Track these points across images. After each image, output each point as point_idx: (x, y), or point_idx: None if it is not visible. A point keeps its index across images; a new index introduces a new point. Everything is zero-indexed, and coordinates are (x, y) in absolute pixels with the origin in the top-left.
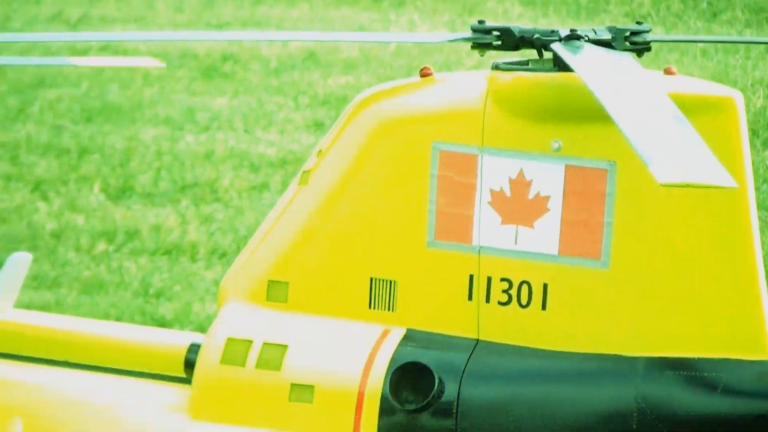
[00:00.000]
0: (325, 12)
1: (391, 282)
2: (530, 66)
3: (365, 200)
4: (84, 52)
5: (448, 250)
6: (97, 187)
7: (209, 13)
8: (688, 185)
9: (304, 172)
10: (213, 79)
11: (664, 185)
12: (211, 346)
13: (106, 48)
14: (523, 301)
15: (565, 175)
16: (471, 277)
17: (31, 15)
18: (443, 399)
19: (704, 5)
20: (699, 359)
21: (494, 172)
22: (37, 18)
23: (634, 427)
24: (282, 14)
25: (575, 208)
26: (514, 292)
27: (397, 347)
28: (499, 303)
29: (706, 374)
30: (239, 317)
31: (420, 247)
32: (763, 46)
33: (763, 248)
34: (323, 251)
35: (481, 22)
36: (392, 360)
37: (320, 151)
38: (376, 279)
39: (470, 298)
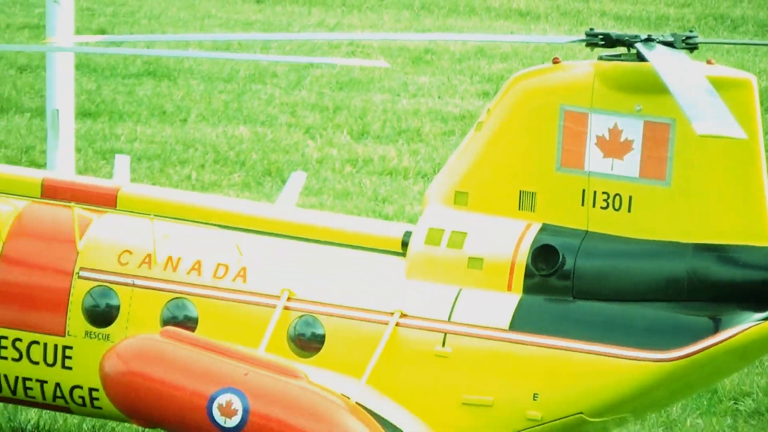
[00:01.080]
0: (491, 22)
1: (532, 193)
2: (622, 58)
3: (516, 141)
4: (333, 48)
5: (568, 174)
6: (345, 131)
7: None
8: (716, 136)
9: (478, 123)
10: (419, 65)
11: (701, 135)
12: (419, 232)
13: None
14: (616, 207)
15: (643, 127)
16: (583, 191)
17: (304, 22)
18: (564, 268)
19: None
20: (727, 245)
21: (598, 125)
22: (308, 24)
23: (685, 289)
24: (462, 24)
25: (650, 148)
26: (610, 200)
27: (536, 235)
28: (601, 208)
29: (732, 255)
30: (436, 215)
31: (550, 171)
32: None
33: None
34: (490, 172)
35: (591, 29)
36: (533, 242)
37: (488, 110)
38: (523, 191)
39: (582, 204)
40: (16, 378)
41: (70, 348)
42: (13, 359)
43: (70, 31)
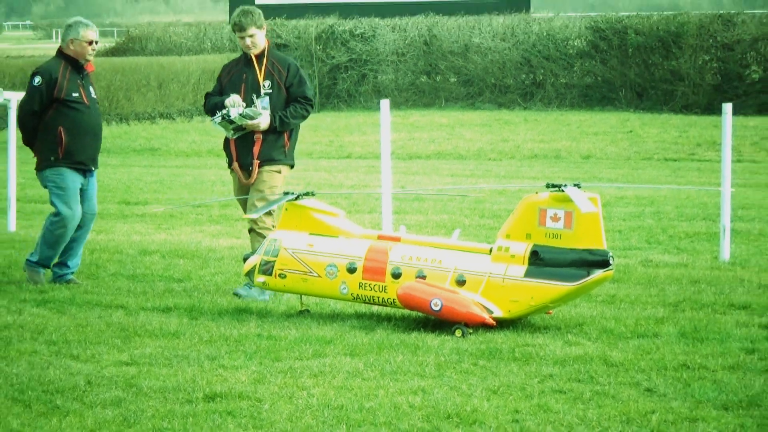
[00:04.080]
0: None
1: (530, 233)
2: (557, 190)
3: (524, 218)
4: None
5: (540, 227)
6: None
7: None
8: (586, 213)
9: (512, 211)
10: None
11: (584, 213)
12: (494, 248)
13: None
14: (557, 238)
15: (564, 213)
16: (545, 232)
17: None
18: (540, 257)
19: None
20: (593, 248)
21: (551, 212)
22: None
23: (578, 263)
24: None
25: (566, 219)
26: (554, 235)
27: (531, 247)
28: (551, 238)
29: (592, 251)
30: (501, 241)
31: (536, 226)
32: None
33: None
34: (518, 228)
35: (548, 183)
36: (530, 248)
37: (512, 213)
38: (527, 233)
39: (545, 237)
40: (372, 296)
41: (386, 286)
42: (371, 290)
43: None
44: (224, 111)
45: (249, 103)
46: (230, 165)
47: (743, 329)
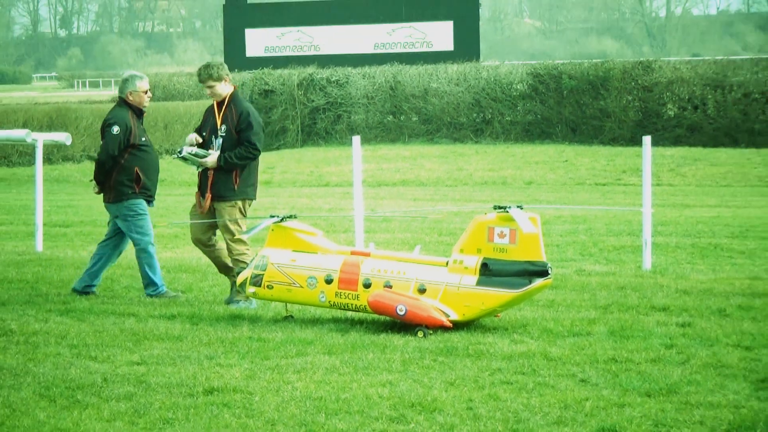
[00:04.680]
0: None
1: (480, 248)
2: (504, 211)
3: (474, 236)
4: None
5: (489, 243)
6: None
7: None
8: (527, 233)
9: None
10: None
11: (525, 233)
12: (450, 261)
13: None
14: (502, 252)
15: (509, 231)
16: (494, 247)
17: None
18: (489, 268)
19: None
20: (532, 260)
21: (498, 230)
22: None
23: (522, 273)
24: None
25: (511, 236)
26: (501, 250)
27: (482, 260)
28: (498, 251)
29: (533, 262)
30: (456, 257)
31: (485, 242)
32: None
33: None
34: (468, 245)
35: (495, 205)
36: (480, 262)
37: (465, 231)
38: (478, 248)
39: (493, 251)
40: (346, 304)
41: (359, 294)
42: (346, 298)
43: None
44: (179, 148)
45: (208, 143)
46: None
47: (663, 327)
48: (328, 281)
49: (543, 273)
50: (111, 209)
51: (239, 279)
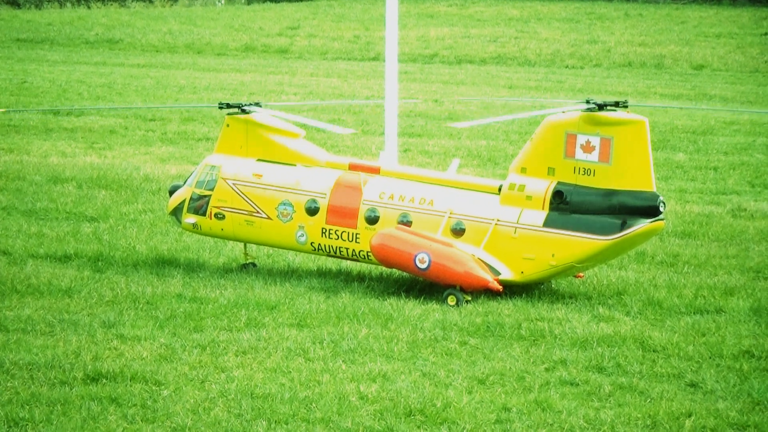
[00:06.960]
0: None
1: (553, 168)
2: (591, 110)
3: (546, 145)
4: None
5: (568, 160)
6: None
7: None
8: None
9: (531, 138)
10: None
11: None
12: (505, 184)
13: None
14: (589, 174)
15: (600, 140)
16: (574, 167)
17: None
18: (566, 199)
19: None
20: (635, 190)
21: (581, 139)
22: None
23: (617, 209)
24: None
25: (602, 149)
26: (586, 171)
27: (555, 186)
28: (582, 174)
29: (636, 194)
30: (512, 177)
31: (561, 158)
32: None
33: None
34: (536, 158)
35: (587, 99)
36: (553, 188)
37: (535, 132)
38: (549, 167)
39: (574, 172)
40: (338, 247)
41: (359, 234)
42: (338, 239)
43: None
44: None
45: None
46: None
47: None
48: (311, 211)
49: (651, 210)
50: None
51: (171, 202)
